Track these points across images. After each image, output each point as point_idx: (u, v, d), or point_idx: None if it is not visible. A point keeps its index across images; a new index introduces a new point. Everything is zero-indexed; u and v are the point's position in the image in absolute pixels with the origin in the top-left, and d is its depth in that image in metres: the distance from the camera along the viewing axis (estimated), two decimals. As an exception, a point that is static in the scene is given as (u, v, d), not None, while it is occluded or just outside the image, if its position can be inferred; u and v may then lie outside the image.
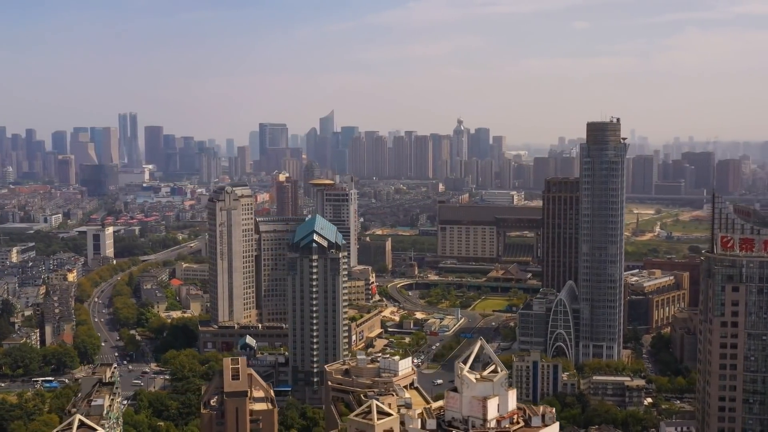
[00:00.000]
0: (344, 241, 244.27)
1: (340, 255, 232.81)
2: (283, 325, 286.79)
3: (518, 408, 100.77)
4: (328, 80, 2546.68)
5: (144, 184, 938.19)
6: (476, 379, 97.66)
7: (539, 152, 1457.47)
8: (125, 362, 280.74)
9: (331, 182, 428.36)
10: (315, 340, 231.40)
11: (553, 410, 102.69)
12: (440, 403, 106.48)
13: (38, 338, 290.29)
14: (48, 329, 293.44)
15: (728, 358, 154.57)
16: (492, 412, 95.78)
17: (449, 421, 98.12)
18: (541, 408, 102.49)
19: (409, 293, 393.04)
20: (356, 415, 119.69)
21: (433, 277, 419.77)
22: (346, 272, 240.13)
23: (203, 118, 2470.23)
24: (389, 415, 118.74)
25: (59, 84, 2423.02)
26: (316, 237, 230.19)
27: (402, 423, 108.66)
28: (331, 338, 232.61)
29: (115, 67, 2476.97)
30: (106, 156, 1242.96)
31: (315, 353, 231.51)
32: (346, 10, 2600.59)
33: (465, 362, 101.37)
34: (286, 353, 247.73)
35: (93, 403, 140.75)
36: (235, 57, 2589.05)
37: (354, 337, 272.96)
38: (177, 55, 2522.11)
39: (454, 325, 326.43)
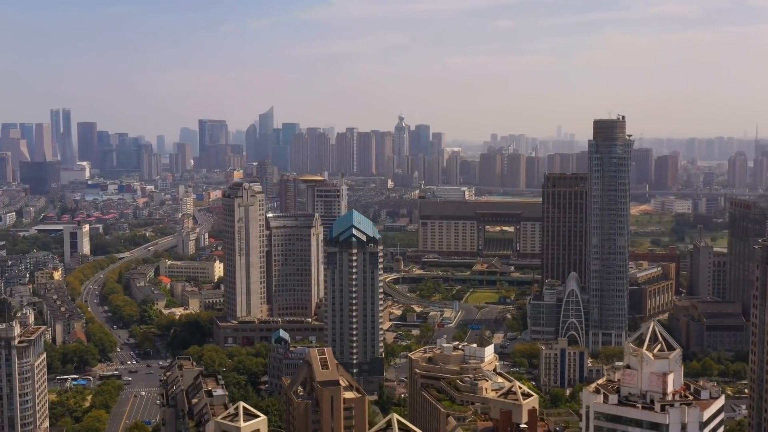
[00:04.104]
0: (379, 236, 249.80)
1: (378, 249, 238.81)
2: (303, 319, 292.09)
3: (684, 383, 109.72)
4: (259, 76, 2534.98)
5: (89, 182, 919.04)
6: (653, 356, 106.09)
7: (471, 149, 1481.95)
8: (140, 359, 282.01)
9: (322, 178, 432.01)
10: (354, 333, 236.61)
11: (715, 384, 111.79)
12: (602, 380, 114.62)
13: (50, 337, 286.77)
14: (58, 328, 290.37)
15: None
16: (670, 387, 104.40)
17: (626, 396, 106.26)
18: (701, 382, 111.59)
19: (397, 287, 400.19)
20: (499, 396, 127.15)
21: (418, 271, 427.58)
22: (382, 266, 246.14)
23: (131, 115, 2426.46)
24: (530, 395, 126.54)
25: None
26: (354, 231, 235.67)
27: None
28: (370, 330, 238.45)
29: (39, 61, 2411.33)
30: (39, 153, 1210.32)
31: (354, 345, 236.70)
32: (268, 5, 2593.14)
33: (637, 342, 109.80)
34: (318, 346, 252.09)
35: (215, 394, 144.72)
36: (158, 53, 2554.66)
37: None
38: (103, 50, 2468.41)
39: (455, 318, 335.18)
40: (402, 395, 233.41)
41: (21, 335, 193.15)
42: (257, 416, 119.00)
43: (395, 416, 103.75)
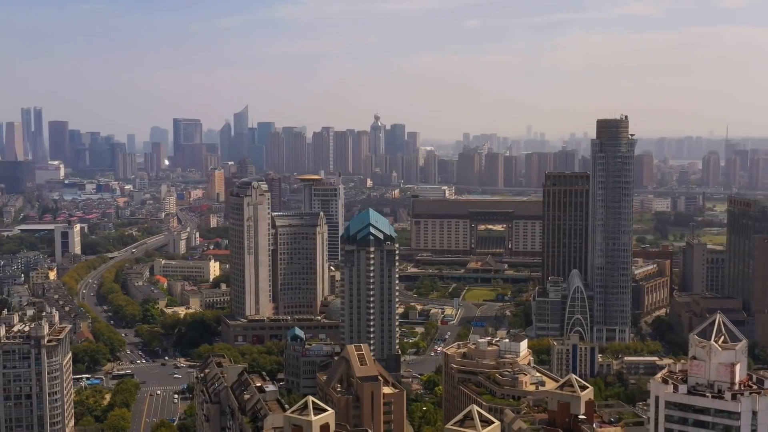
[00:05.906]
0: (396, 234, 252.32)
1: (395, 247, 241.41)
2: (312, 317, 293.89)
3: (747, 373, 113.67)
4: (230, 75, 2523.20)
5: (66, 182, 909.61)
6: (721, 347, 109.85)
7: (443, 148, 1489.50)
8: (149, 358, 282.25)
9: (319, 177, 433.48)
10: (371, 330, 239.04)
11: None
12: (664, 372, 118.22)
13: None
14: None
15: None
16: (738, 377, 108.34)
17: (693, 386, 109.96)
18: (762, 372, 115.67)
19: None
20: (557, 388, 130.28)
21: (412, 269, 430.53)
22: (398, 264, 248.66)
23: (100, 113, 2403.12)
24: (586, 387, 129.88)
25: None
26: (372, 230, 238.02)
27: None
28: (387, 327, 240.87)
29: (9, 59, 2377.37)
30: (10, 152, 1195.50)
31: (371, 342, 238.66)
32: (236, 4, 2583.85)
33: (701, 334, 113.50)
34: (334, 344, 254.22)
35: (267, 389, 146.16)
36: (128, 51, 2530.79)
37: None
38: (73, 49, 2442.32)
39: (456, 315, 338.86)
40: (418, 391, 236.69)
41: (50, 334, 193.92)
42: (325, 410, 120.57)
43: (475, 408, 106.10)
